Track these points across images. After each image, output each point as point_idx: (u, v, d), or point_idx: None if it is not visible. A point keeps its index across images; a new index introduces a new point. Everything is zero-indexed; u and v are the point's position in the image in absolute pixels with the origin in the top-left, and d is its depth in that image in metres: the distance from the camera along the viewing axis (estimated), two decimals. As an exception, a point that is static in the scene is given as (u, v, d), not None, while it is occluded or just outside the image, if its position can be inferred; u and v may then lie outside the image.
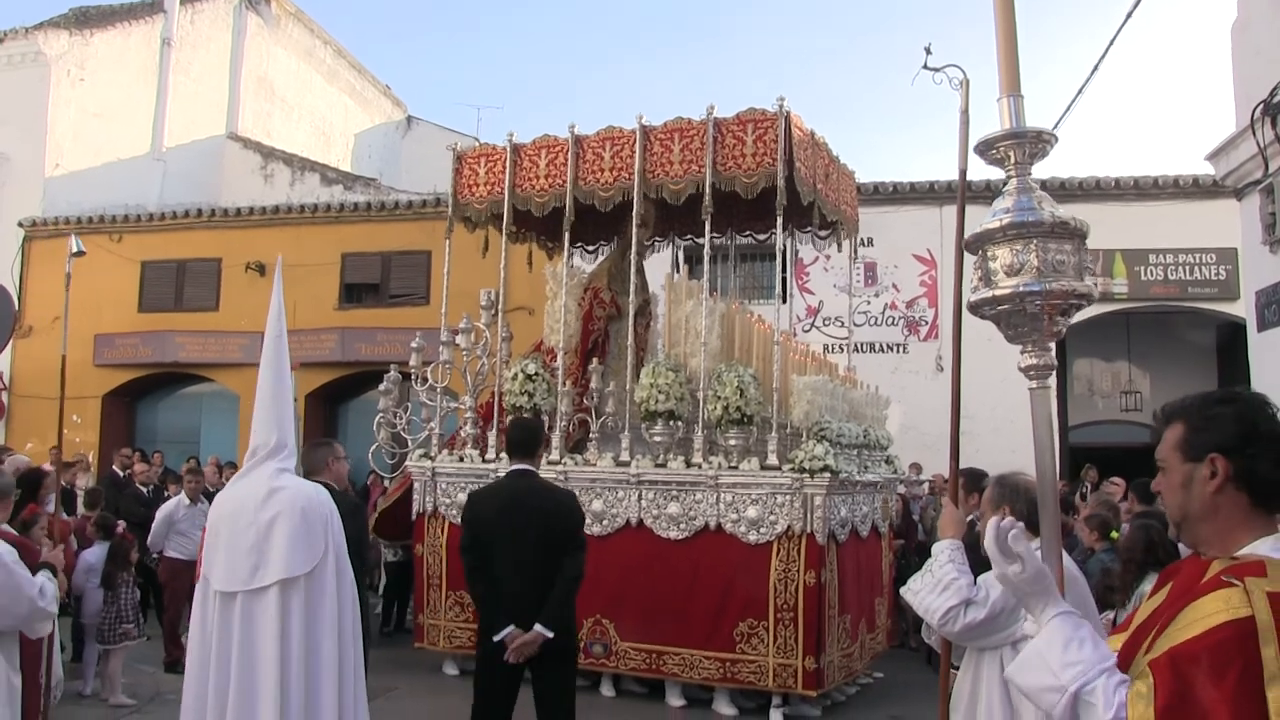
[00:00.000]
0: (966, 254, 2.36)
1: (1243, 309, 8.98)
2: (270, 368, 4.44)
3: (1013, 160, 2.30)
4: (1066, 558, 3.55)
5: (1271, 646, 1.70)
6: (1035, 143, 2.29)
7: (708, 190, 8.50)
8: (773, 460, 8.01)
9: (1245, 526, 1.97)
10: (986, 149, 2.33)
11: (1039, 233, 2.21)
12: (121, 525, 9.09)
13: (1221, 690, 1.69)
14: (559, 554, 5.19)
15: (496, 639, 5.06)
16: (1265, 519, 1.96)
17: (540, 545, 5.17)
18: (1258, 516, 1.97)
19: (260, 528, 4.03)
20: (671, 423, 8.32)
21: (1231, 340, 15.04)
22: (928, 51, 3.83)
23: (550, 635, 5.05)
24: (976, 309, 2.34)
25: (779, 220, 8.39)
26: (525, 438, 5.64)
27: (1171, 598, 1.98)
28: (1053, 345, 2.33)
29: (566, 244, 9.43)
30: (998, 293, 2.25)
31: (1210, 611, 1.78)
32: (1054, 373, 2.36)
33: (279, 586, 3.93)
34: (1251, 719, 1.67)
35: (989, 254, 2.29)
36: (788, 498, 7.82)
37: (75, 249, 6.84)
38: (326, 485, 5.58)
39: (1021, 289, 2.21)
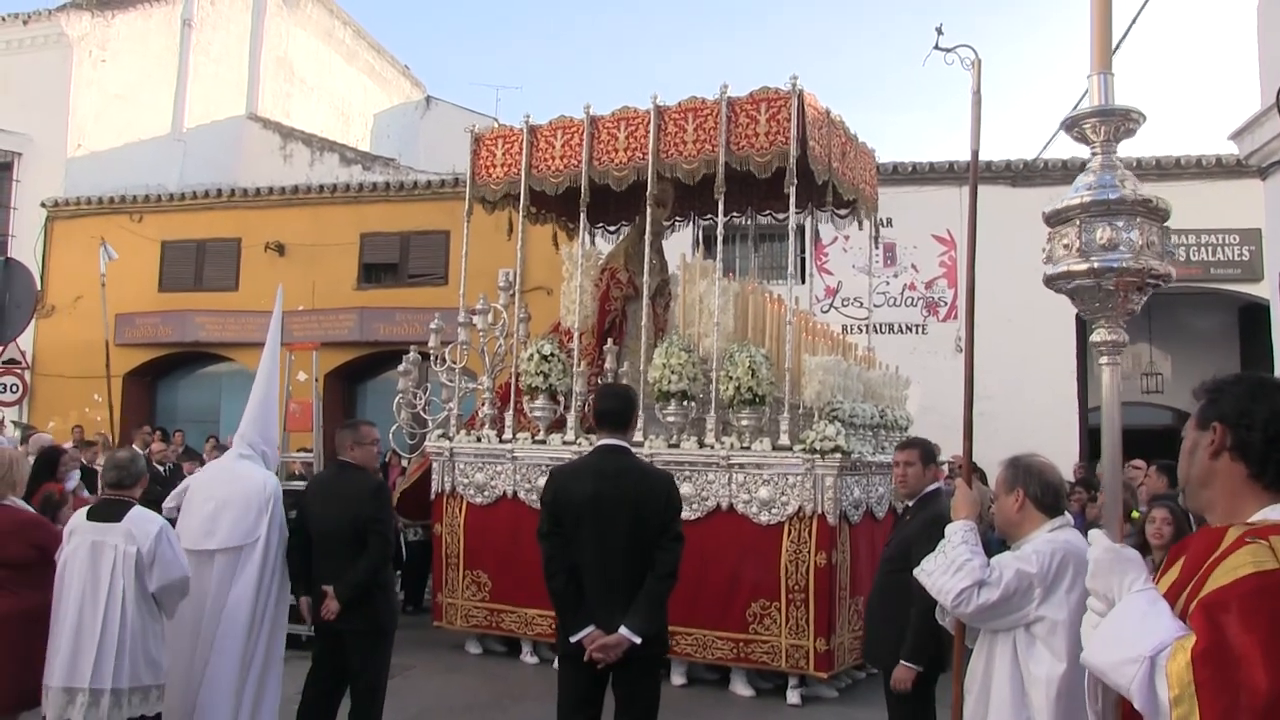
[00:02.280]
0: (1047, 226, 2.37)
1: (1266, 290, 8.92)
2: (264, 376, 6.03)
3: (1098, 138, 2.30)
4: (1083, 538, 3.54)
5: None
6: (1123, 120, 2.29)
7: (720, 169, 8.47)
8: (784, 441, 8.00)
9: (1247, 496, 2.04)
10: (1072, 125, 2.34)
11: (1122, 210, 2.22)
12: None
13: (1255, 635, 1.76)
14: (651, 546, 4.55)
15: (574, 639, 4.49)
16: (1263, 491, 2.03)
17: (631, 535, 4.53)
18: (1257, 487, 2.03)
19: (216, 503, 5.45)
20: (685, 403, 8.31)
21: (1254, 322, 14.92)
22: (939, 32, 3.80)
23: (637, 641, 4.42)
24: (1051, 282, 2.35)
25: (791, 199, 8.36)
26: (618, 408, 4.88)
27: (1189, 567, 2.03)
28: (1125, 322, 2.36)
29: (582, 225, 9.43)
30: (1073, 268, 2.27)
31: (1238, 565, 1.85)
32: (1124, 349, 2.40)
33: (222, 552, 5.33)
34: None
35: (1066, 229, 2.30)
36: (799, 478, 7.81)
37: (109, 256, 7.77)
38: (345, 464, 5.78)
39: (1097, 265, 2.23)
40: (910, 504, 5.34)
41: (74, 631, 4.69)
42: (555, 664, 4.92)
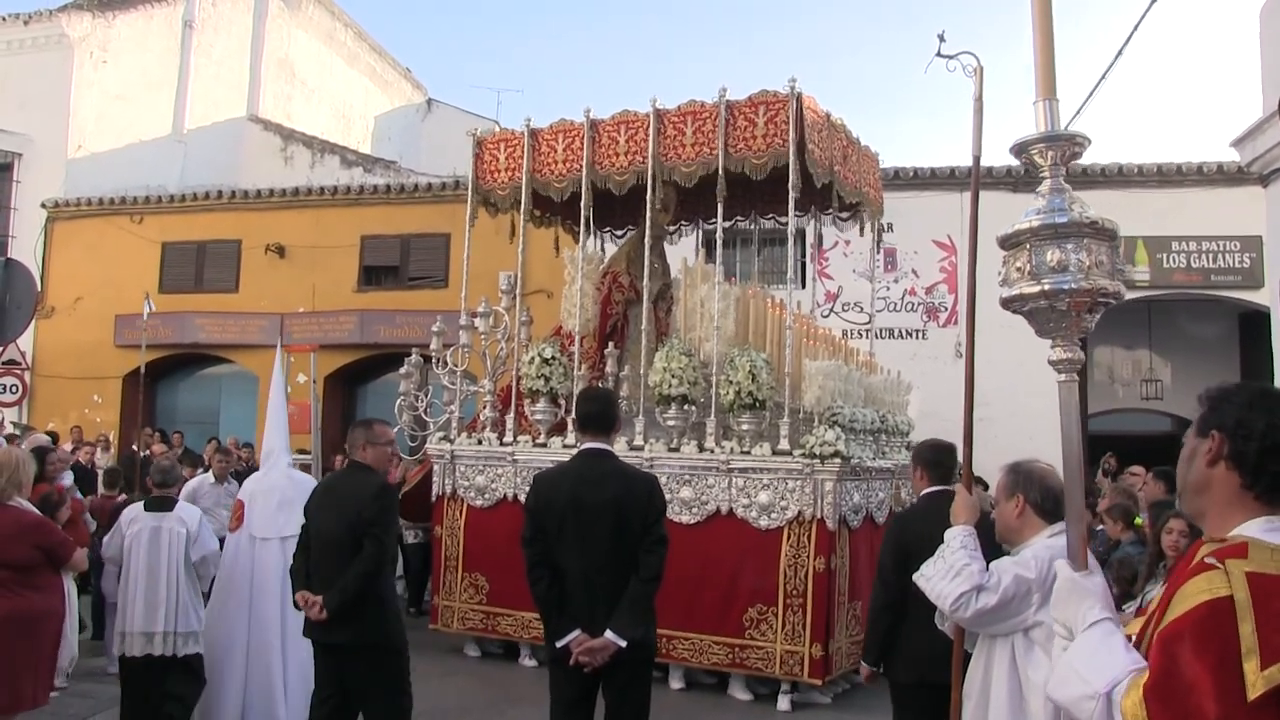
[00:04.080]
0: (1000, 250, 2.45)
1: (1266, 297, 8.92)
2: (275, 409, 7.12)
3: (1047, 163, 2.36)
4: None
5: (1248, 623, 1.77)
6: (1069, 146, 2.36)
7: (720, 171, 8.48)
8: (784, 445, 8.00)
9: (1236, 507, 2.04)
10: (1020, 151, 2.40)
11: (1070, 233, 2.28)
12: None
13: (1204, 663, 1.77)
14: (635, 549, 4.54)
15: (560, 644, 4.50)
16: (1253, 502, 2.03)
17: (615, 539, 4.52)
18: (1247, 498, 2.03)
19: (279, 498, 6.43)
20: (685, 407, 8.31)
21: (1255, 329, 14.92)
22: (941, 39, 3.81)
23: (622, 644, 4.42)
24: (1007, 305, 2.42)
25: (790, 202, 8.36)
26: (600, 410, 4.87)
27: (1170, 586, 2.04)
28: (1080, 340, 2.40)
29: (583, 228, 9.43)
30: (1026, 290, 2.33)
31: (1193, 593, 1.87)
32: (1081, 365, 2.42)
33: (282, 540, 6.21)
34: (1232, 690, 1.74)
35: (1020, 252, 2.37)
36: (798, 483, 7.81)
37: (150, 308, 9.26)
38: (356, 465, 5.47)
39: (1049, 288, 2.29)
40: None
41: (147, 590, 6.09)
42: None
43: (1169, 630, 1.86)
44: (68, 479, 9.07)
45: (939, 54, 3.80)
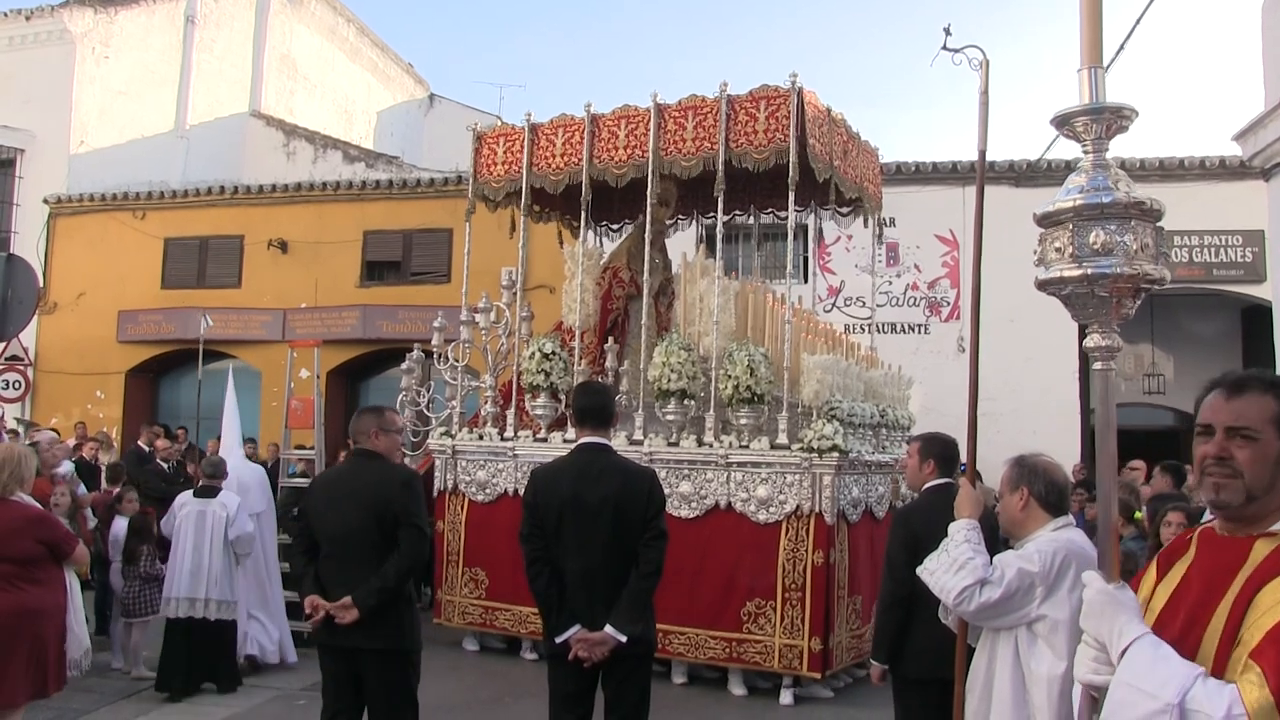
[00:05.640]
0: (1038, 228, 2.28)
1: (1269, 292, 8.92)
2: (230, 407, 9.07)
3: (1089, 136, 2.21)
4: (1089, 541, 3.55)
5: None
6: (1114, 118, 2.20)
7: (720, 167, 8.48)
8: (783, 439, 8.00)
9: None
10: (1063, 123, 2.24)
11: (1115, 214, 2.13)
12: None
13: None
14: (635, 544, 4.51)
15: (559, 640, 4.47)
16: None
17: (614, 534, 4.49)
18: None
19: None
20: (684, 401, 8.31)
21: (1257, 323, 14.91)
22: (947, 33, 3.79)
23: (622, 639, 4.40)
24: (1043, 287, 2.27)
25: (790, 196, 8.36)
26: (598, 404, 4.83)
27: (1204, 581, 2.01)
28: (1119, 327, 2.27)
29: (584, 223, 9.43)
30: (1067, 273, 2.17)
31: None
32: (1119, 354, 2.30)
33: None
34: None
35: (1060, 232, 2.21)
36: (797, 477, 7.82)
37: (207, 324, 11.35)
38: (367, 454, 5.02)
39: (1090, 271, 2.13)
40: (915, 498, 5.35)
41: (193, 563, 7.42)
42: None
43: None
44: (66, 467, 9.08)
45: (945, 47, 3.78)
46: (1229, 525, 2.10)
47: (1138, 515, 6.92)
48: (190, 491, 7.88)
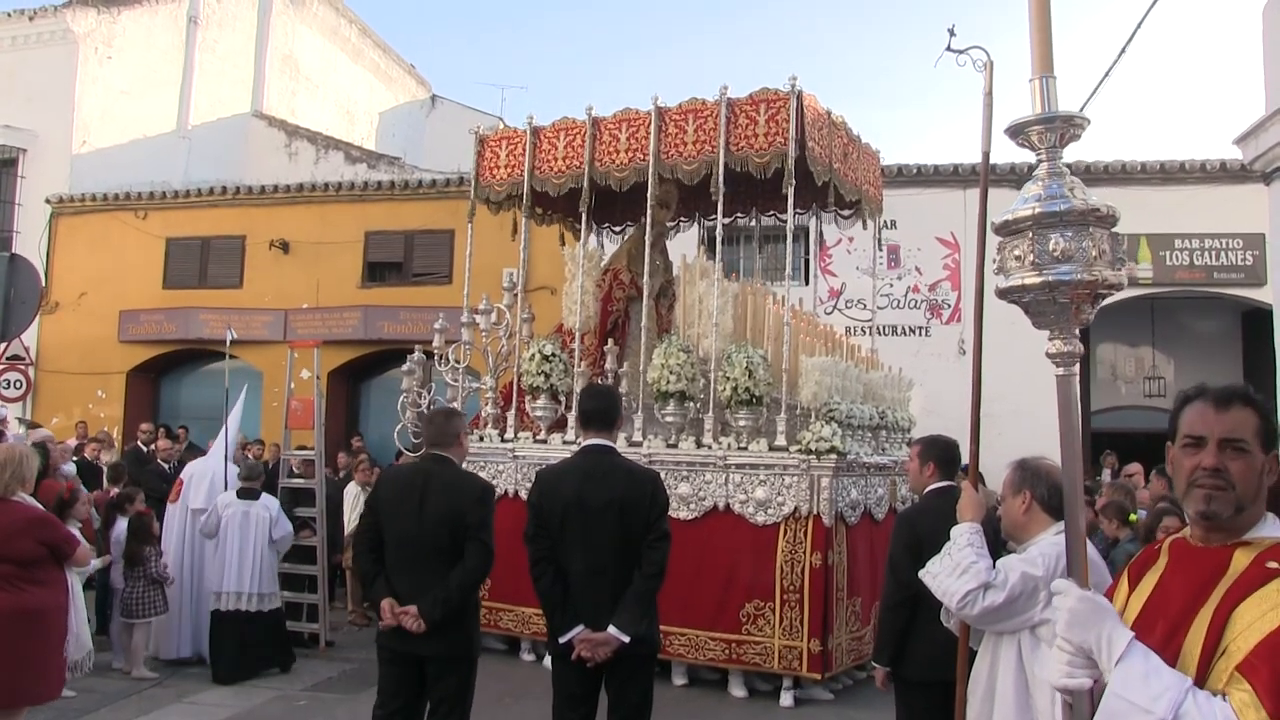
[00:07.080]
0: (994, 238, 2.32)
1: (1269, 295, 8.92)
2: (233, 414, 9.93)
3: (1044, 145, 2.23)
4: (1092, 544, 3.55)
5: None
6: (1067, 126, 2.22)
7: (720, 170, 8.49)
8: (781, 441, 8.01)
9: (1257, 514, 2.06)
10: (1016, 132, 2.27)
11: (1069, 220, 2.16)
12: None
13: None
14: (638, 545, 4.54)
15: (563, 640, 4.51)
16: None
17: (618, 535, 4.52)
18: None
19: (210, 481, 9.03)
20: (683, 403, 8.33)
21: (1257, 326, 14.91)
22: (951, 33, 3.78)
23: (625, 640, 4.43)
24: (1004, 295, 2.29)
25: (790, 199, 8.38)
26: (602, 407, 4.86)
27: (1184, 590, 2.02)
28: (1078, 332, 2.29)
29: (584, 225, 9.45)
30: (1026, 281, 2.20)
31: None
32: (1080, 359, 2.31)
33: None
34: None
35: (1019, 240, 2.24)
36: (795, 479, 7.82)
37: (231, 336, 11.56)
38: (440, 458, 5.00)
39: (1051, 278, 2.16)
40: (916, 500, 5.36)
41: (239, 559, 8.17)
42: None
43: (1271, 641, 1.82)
44: (67, 468, 9.11)
45: (949, 48, 3.78)
46: (1209, 535, 2.10)
47: (1133, 517, 6.94)
48: (233, 492, 8.48)
